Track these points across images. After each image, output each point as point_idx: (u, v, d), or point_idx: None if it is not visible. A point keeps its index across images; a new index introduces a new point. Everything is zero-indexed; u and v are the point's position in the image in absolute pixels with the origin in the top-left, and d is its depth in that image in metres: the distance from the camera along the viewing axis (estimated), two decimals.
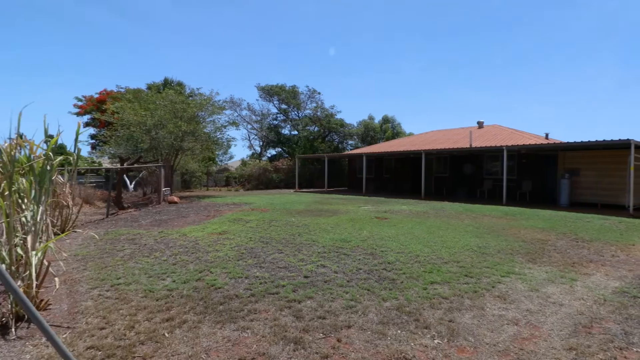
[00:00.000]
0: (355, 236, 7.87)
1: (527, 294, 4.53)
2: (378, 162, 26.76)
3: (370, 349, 3.19)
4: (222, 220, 10.05)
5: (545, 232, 8.68)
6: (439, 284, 4.85)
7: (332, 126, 37.58)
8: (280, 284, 4.83)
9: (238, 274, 5.26)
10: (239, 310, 4.02)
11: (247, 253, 6.44)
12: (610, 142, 13.55)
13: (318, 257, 6.17)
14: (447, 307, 4.09)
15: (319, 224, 9.37)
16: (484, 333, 3.48)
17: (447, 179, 22.48)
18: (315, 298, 4.34)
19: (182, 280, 5.03)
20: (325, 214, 11.36)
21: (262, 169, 31.41)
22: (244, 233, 8.19)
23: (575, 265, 5.87)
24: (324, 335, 3.42)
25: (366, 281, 4.95)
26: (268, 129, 38.52)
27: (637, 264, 6.01)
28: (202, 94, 19.55)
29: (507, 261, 5.99)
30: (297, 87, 37.64)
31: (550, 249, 6.96)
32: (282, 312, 3.95)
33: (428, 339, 3.36)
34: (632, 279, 5.23)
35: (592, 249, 7.05)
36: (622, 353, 3.13)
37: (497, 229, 8.94)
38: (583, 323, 3.71)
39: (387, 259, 6.05)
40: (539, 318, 3.83)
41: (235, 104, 37.04)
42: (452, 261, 5.94)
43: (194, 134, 17.69)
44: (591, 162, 16.02)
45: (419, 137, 29.09)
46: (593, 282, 5.05)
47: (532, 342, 3.30)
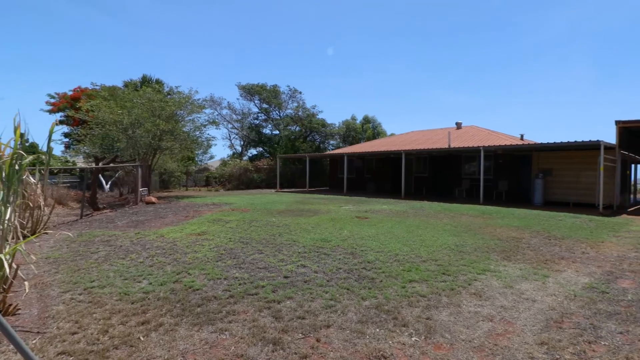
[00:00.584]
0: (335, 236, 7.90)
1: (501, 290, 4.65)
2: (359, 162, 26.94)
3: (349, 348, 3.20)
4: (202, 221, 9.91)
5: (519, 230, 8.94)
6: (417, 282, 4.92)
7: (314, 126, 37.60)
8: (260, 284, 4.80)
9: (217, 275, 5.19)
10: (217, 311, 3.97)
11: (226, 254, 6.37)
12: (581, 143, 14.06)
13: (298, 257, 6.16)
14: (425, 304, 4.16)
15: (299, 224, 9.35)
16: (460, 330, 3.55)
17: (427, 178, 22.85)
18: (294, 298, 4.33)
19: (159, 282, 4.93)
20: (306, 214, 11.36)
21: (243, 168, 31.12)
22: (224, 234, 8.09)
23: (547, 262, 6.06)
24: (303, 335, 3.42)
25: (346, 280, 4.97)
26: (249, 128, 38.21)
27: (605, 261, 6.26)
28: (181, 92, 19.20)
29: (483, 259, 6.13)
30: (278, 86, 37.54)
31: (524, 246, 7.17)
32: (261, 312, 3.92)
33: (406, 337, 3.40)
34: (600, 275, 5.44)
35: (563, 246, 7.30)
36: (590, 347, 3.25)
37: (474, 228, 9.14)
38: (554, 318, 3.84)
39: (367, 258, 6.10)
40: (512, 314, 3.93)
41: (215, 102, 36.63)
42: (430, 259, 6.03)
43: (173, 133, 17.36)
44: (564, 162, 16.60)
45: (400, 137, 29.45)
46: (564, 278, 5.23)
47: (505, 338, 3.39)
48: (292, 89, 37.75)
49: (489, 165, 19.65)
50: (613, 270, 5.69)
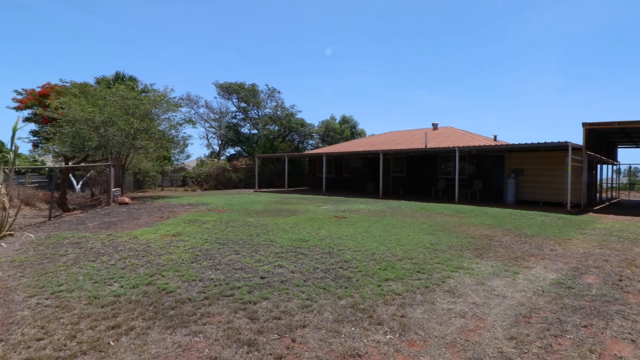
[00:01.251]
0: (313, 236, 7.90)
1: (474, 287, 4.77)
2: (338, 162, 27.06)
3: (324, 347, 3.21)
4: (177, 222, 9.71)
5: (492, 228, 9.19)
6: (393, 280, 4.98)
7: (293, 126, 37.49)
8: (236, 285, 4.75)
9: (192, 276, 5.10)
10: (192, 314, 3.90)
11: (202, 255, 6.27)
12: (550, 144, 14.60)
13: (275, 257, 6.13)
14: (400, 302, 4.22)
15: (277, 224, 9.30)
16: (434, 327, 3.62)
17: (404, 178, 23.17)
18: (271, 299, 4.31)
19: (130, 285, 4.80)
20: (284, 214, 11.31)
21: (221, 168, 30.71)
22: (200, 234, 7.96)
23: (518, 259, 6.26)
24: (279, 336, 3.41)
25: (323, 280, 4.98)
26: (227, 127, 37.72)
27: (572, 257, 6.52)
28: (156, 90, 18.75)
29: (456, 257, 6.27)
30: (256, 85, 37.19)
31: (496, 244, 7.38)
32: (236, 314, 3.88)
33: (381, 335, 3.44)
34: (567, 270, 5.66)
35: (533, 243, 7.55)
36: (556, 340, 3.38)
37: (449, 227, 9.34)
38: (523, 313, 3.97)
39: (344, 257, 6.13)
40: (484, 310, 4.04)
41: (192, 101, 35.98)
42: (406, 258, 6.12)
43: (148, 132, 16.94)
44: (534, 162, 17.18)
45: (378, 137, 29.75)
46: (533, 274, 5.41)
47: (477, 334, 3.48)
48: (270, 88, 37.54)
49: (464, 165, 20.12)
50: (579, 266, 5.93)
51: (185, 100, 34.06)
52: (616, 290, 4.78)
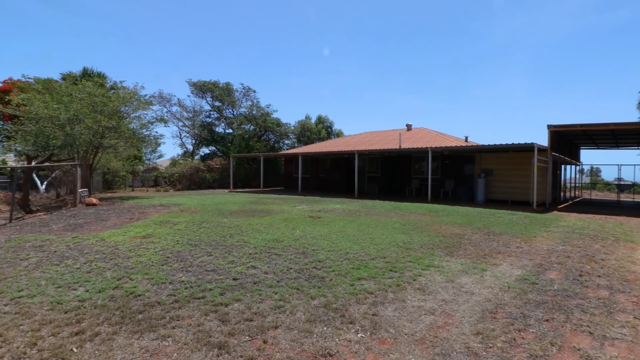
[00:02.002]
0: (288, 236, 7.87)
1: (443, 285, 4.89)
2: (314, 162, 27.09)
3: (296, 347, 3.21)
4: (147, 223, 9.45)
5: (462, 227, 9.45)
6: (365, 279, 5.04)
7: (268, 125, 37.22)
8: (207, 287, 4.67)
9: (161, 279, 4.98)
10: (160, 317, 3.80)
11: (173, 257, 6.13)
12: (517, 145, 15.15)
13: (249, 258, 6.07)
14: (372, 301, 4.27)
15: (251, 225, 9.22)
16: (404, 324, 3.68)
17: (379, 178, 23.47)
18: (243, 300, 4.26)
19: (96, 289, 4.63)
20: (259, 214, 11.22)
21: (195, 168, 30.11)
22: (171, 236, 7.78)
23: (486, 256, 6.47)
24: (250, 338, 3.37)
25: (296, 280, 4.97)
26: (201, 126, 37.02)
27: (536, 254, 6.79)
28: (125, 88, 18.15)
29: (428, 255, 6.41)
30: (231, 84, 36.69)
31: (466, 242, 7.59)
32: (207, 317, 3.82)
33: (352, 334, 3.47)
34: (532, 267, 5.90)
35: (501, 241, 7.82)
36: (520, 334, 3.51)
37: (421, 225, 9.53)
38: (489, 309, 4.10)
39: (318, 257, 6.14)
40: (452, 307, 4.15)
41: (164, 99, 35.07)
42: (379, 257, 6.20)
43: (117, 130, 16.38)
44: (503, 163, 17.78)
45: (353, 137, 29.99)
46: (500, 271, 5.60)
47: (445, 330, 3.56)
48: (245, 87, 37.12)
49: (437, 165, 20.59)
50: (543, 262, 6.19)
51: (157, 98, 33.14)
52: (576, 285, 5.02)
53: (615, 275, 5.49)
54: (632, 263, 6.27)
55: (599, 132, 17.47)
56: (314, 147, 29.65)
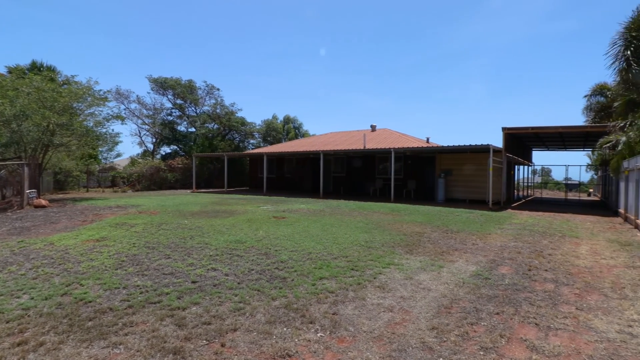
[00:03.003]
0: (251, 237, 7.77)
1: (402, 282, 5.01)
2: (279, 162, 26.93)
3: (254, 350, 3.17)
4: (102, 226, 9.01)
5: (422, 225, 9.74)
6: (327, 279, 5.06)
7: (233, 124, 36.56)
8: (164, 291, 4.51)
9: (115, 284, 4.76)
10: (112, 324, 3.63)
11: (128, 261, 5.87)
12: (474, 147, 15.82)
13: (209, 260, 5.93)
14: (333, 300, 4.30)
15: (213, 226, 9.02)
16: (363, 322, 3.73)
17: (344, 178, 23.70)
18: (201, 303, 4.16)
19: (42, 296, 4.35)
20: (222, 215, 11.00)
21: (155, 168, 29.03)
22: (127, 239, 7.46)
23: (443, 253, 6.70)
24: (208, 342, 3.29)
25: (257, 282, 4.92)
26: (162, 124, 35.73)
27: (490, 250, 7.12)
28: (78, 82, 17.19)
29: (388, 253, 6.55)
30: (194, 81, 35.69)
31: (425, 240, 7.82)
32: (162, 321, 3.69)
33: (312, 333, 3.47)
34: (485, 263, 6.17)
35: (458, 238, 8.13)
36: (472, 328, 3.66)
37: (383, 225, 9.72)
38: (445, 304, 4.25)
39: (281, 258, 6.11)
40: (410, 303, 4.26)
41: (122, 95, 33.51)
42: (341, 256, 6.26)
43: (69, 128, 15.48)
44: (461, 163, 18.50)
45: (319, 138, 30.10)
46: (456, 267, 5.82)
47: (402, 326, 3.65)
48: (209, 85, 36.24)
49: (400, 165, 21.08)
50: (496, 258, 6.49)
51: (113, 94, 31.66)
52: (525, 279, 5.31)
53: (561, 269, 5.86)
54: (576, 257, 6.72)
55: (549, 134, 18.60)
56: (279, 147, 29.48)
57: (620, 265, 6.23)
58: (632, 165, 11.00)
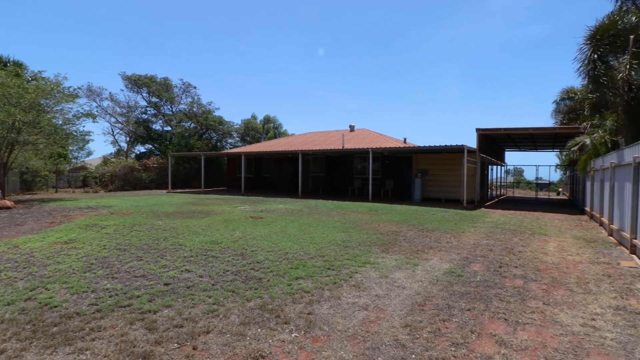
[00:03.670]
0: (227, 237, 7.67)
1: (378, 280, 5.05)
2: (258, 162, 26.71)
3: (227, 352, 3.12)
4: (71, 227, 8.69)
5: (399, 224, 9.87)
6: (303, 279, 5.05)
7: (210, 123, 36.00)
8: (135, 294, 4.39)
9: (82, 288, 4.59)
10: (79, 329, 3.50)
11: (97, 263, 5.69)
12: (449, 147, 16.16)
13: (183, 261, 5.81)
14: (308, 300, 4.29)
15: (188, 227, 8.85)
16: (338, 321, 3.74)
17: (323, 178, 23.75)
18: (174, 306, 4.06)
19: (4, 302, 4.15)
20: (198, 216, 10.82)
21: (129, 167, 28.24)
22: (97, 241, 7.22)
23: (418, 252, 6.80)
24: (179, 345, 3.22)
25: (232, 283, 4.85)
26: (136, 123, 34.78)
27: (464, 248, 7.28)
28: (46, 78, 16.51)
29: (365, 252, 6.60)
30: (169, 79, 34.96)
31: (401, 239, 7.93)
32: (132, 325, 3.58)
33: (286, 334, 3.45)
34: (459, 260, 6.31)
35: (433, 237, 8.28)
36: (444, 324, 3.73)
37: (360, 224, 9.79)
38: (419, 302, 4.31)
39: (257, 258, 6.06)
40: (385, 302, 4.30)
41: (94, 92, 32.45)
42: (318, 256, 6.26)
43: (36, 125, 14.86)
44: (437, 163, 18.85)
45: (298, 137, 30.03)
46: (430, 265, 5.92)
47: (376, 324, 3.68)
48: (185, 83, 35.57)
49: (378, 165, 21.30)
50: (469, 256, 6.65)
51: (84, 91, 30.64)
52: (496, 276, 5.46)
53: (530, 266, 6.06)
54: (544, 254, 6.96)
55: (520, 135, 19.20)
56: (257, 146, 29.24)
57: (586, 261, 6.49)
58: (597, 165, 11.50)
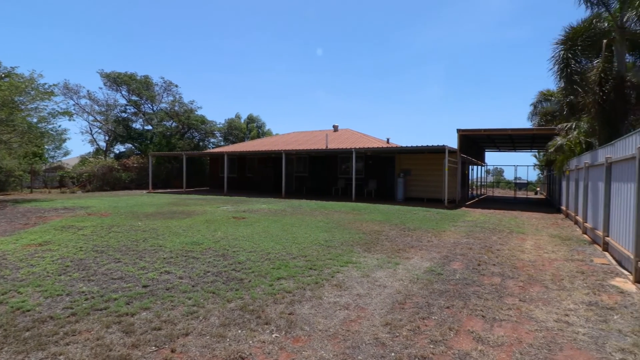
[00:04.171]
0: (208, 238, 7.59)
1: (359, 280, 5.09)
2: (241, 162, 26.50)
3: (206, 354, 3.08)
4: (46, 229, 8.43)
5: (381, 224, 9.95)
6: (285, 279, 5.04)
7: (192, 122, 35.50)
8: (112, 297, 4.29)
9: (57, 291, 4.46)
10: (53, 334, 3.40)
11: (73, 265, 5.54)
12: (431, 147, 16.38)
13: (163, 263, 5.72)
14: (290, 300, 4.28)
15: (169, 227, 8.71)
16: (319, 321, 3.75)
17: (307, 178, 23.73)
18: (152, 308, 3.99)
19: None
20: (179, 216, 10.65)
21: (108, 167, 27.58)
22: (74, 242, 7.03)
23: (400, 251, 6.88)
24: (157, 348, 3.17)
25: (213, 284, 4.80)
26: (115, 121, 34.02)
27: (444, 247, 7.39)
28: (19, 75, 15.97)
29: (347, 252, 6.63)
30: (150, 77, 34.33)
31: (383, 238, 8.00)
32: (108, 329, 3.50)
33: (267, 334, 3.44)
34: (439, 259, 6.40)
35: (414, 236, 8.38)
36: (424, 322, 3.78)
37: (343, 223, 9.83)
38: (399, 300, 4.36)
39: (238, 259, 6.01)
40: (366, 301, 4.33)
41: (71, 90, 31.58)
42: (300, 256, 6.26)
43: (9, 124, 14.36)
44: (419, 163, 19.10)
45: (281, 137, 29.92)
46: (411, 264, 5.99)
47: (357, 323, 3.71)
48: (166, 81, 34.99)
49: (362, 165, 21.42)
50: (449, 254, 6.76)
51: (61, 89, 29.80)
52: (475, 273, 5.56)
53: (507, 264, 6.20)
54: (521, 252, 7.14)
55: (500, 136, 19.63)
56: (241, 146, 29.01)
57: (561, 258, 6.69)
58: (572, 165, 11.86)
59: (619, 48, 10.82)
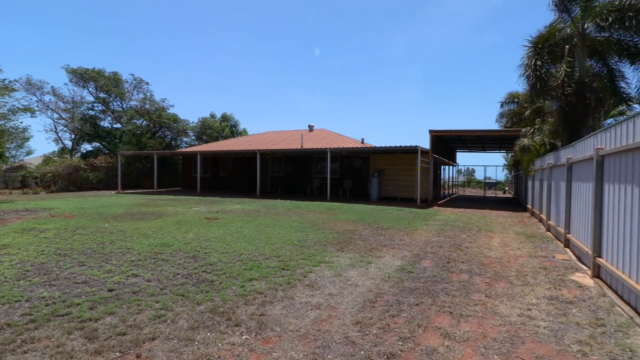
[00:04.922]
0: (179, 239, 7.42)
1: (332, 279, 5.11)
2: (215, 161, 26.07)
3: (173, 358, 3.01)
4: (5, 232, 8.01)
5: (355, 223, 10.04)
6: (257, 280, 5.00)
7: (164, 121, 34.60)
8: (75, 302, 4.12)
9: (15, 297, 4.25)
10: (10, 342, 3.23)
11: (33, 270, 5.28)
12: (404, 148, 16.67)
13: (130, 266, 5.55)
14: (261, 301, 4.25)
15: (138, 229, 8.46)
16: (290, 321, 3.74)
17: (282, 177, 23.63)
18: (117, 313, 3.86)
19: None
20: (149, 217, 10.37)
21: (74, 167, 26.47)
22: (35, 246, 6.71)
23: (372, 250, 6.96)
24: (121, 354, 3.07)
25: (182, 286, 4.70)
26: (82, 119, 32.69)
27: (416, 245, 7.54)
28: None
29: (320, 252, 6.65)
30: (119, 74, 33.19)
31: (356, 238, 8.07)
32: (70, 335, 3.36)
33: (237, 336, 3.40)
34: (410, 257, 6.52)
35: (387, 235, 8.50)
36: (393, 320, 3.84)
37: (317, 223, 9.85)
38: (370, 299, 4.41)
39: (210, 260, 5.91)
40: (338, 300, 4.36)
41: (33, 86, 30.06)
42: (273, 257, 6.22)
43: None
44: (393, 163, 19.38)
45: (256, 137, 29.65)
46: (383, 263, 6.07)
47: (328, 323, 3.72)
48: (137, 78, 33.92)
49: (337, 165, 21.53)
50: (419, 252, 6.90)
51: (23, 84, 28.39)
52: (444, 271, 5.70)
53: (475, 261, 6.39)
54: (488, 249, 7.37)
55: (469, 137, 20.20)
56: (215, 145, 28.54)
57: (525, 255, 6.96)
58: (537, 165, 12.36)
59: (580, 54, 11.36)
